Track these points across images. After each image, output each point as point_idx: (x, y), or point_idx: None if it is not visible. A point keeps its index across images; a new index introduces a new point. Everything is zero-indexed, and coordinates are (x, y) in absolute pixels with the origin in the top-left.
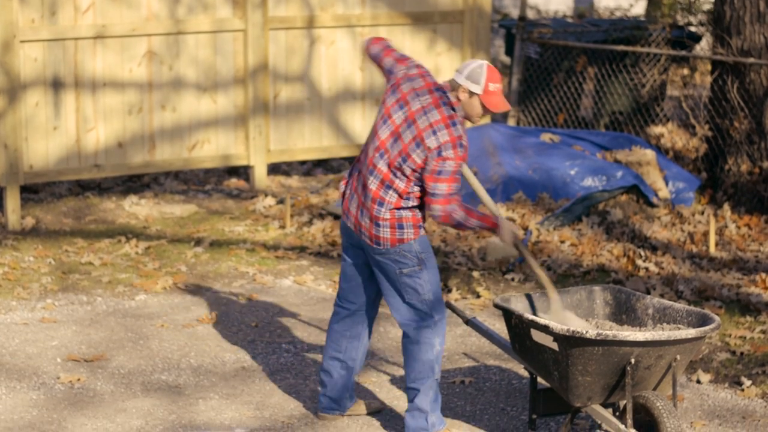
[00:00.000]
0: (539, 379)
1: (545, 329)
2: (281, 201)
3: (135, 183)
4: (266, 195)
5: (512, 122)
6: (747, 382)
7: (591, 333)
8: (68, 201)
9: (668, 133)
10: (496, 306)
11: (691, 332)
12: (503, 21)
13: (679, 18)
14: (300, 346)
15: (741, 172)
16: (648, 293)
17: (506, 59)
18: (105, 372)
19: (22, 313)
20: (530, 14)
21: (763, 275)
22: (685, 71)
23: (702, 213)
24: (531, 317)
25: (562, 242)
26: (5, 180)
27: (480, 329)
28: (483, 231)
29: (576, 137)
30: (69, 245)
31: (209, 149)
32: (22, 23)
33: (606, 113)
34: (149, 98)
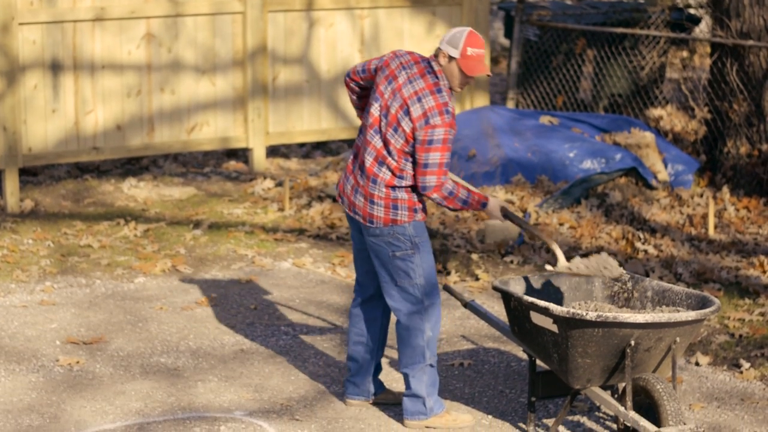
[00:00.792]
0: (538, 362)
1: (545, 311)
2: (280, 183)
3: (134, 165)
4: (265, 177)
5: (511, 105)
6: (746, 365)
7: (591, 315)
8: (67, 183)
9: (667, 116)
10: (495, 288)
11: (691, 314)
12: (502, 3)
13: (679, 0)
14: (299, 329)
15: (740, 155)
16: (647, 276)
17: (505, 42)
18: (104, 354)
19: (21, 296)
20: None
21: (762, 258)
22: (685, 54)
23: (701, 195)
24: (530, 299)
25: (561, 225)
26: (4, 162)
27: (479, 312)
28: (470, 207)
29: (575, 120)
30: (68, 228)
31: (208, 132)
32: (21, 5)
33: (605, 96)
34: (148, 80)
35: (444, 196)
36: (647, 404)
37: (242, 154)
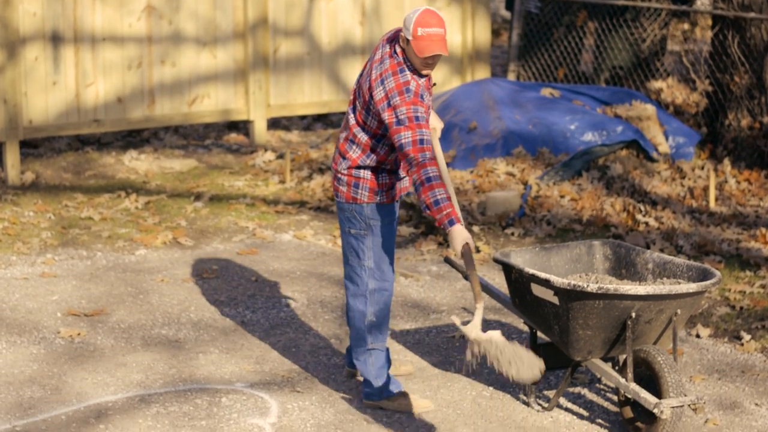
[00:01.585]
0: (539, 334)
1: (546, 283)
2: (281, 156)
3: (134, 138)
4: (266, 150)
5: (512, 77)
6: (746, 337)
7: (592, 287)
8: (68, 156)
9: (668, 88)
10: (496, 260)
11: (692, 286)
12: None
13: None
14: (300, 301)
15: (741, 127)
16: (648, 248)
17: (506, 14)
18: (105, 326)
19: (22, 268)
20: None
21: (763, 230)
22: (686, 26)
23: (702, 168)
24: (531, 271)
25: (562, 197)
26: (5, 135)
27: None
28: (437, 213)
29: (576, 92)
30: (69, 200)
31: (209, 104)
32: None
33: (606, 68)
34: (149, 53)
35: (422, 180)
36: (648, 376)
37: (243, 127)
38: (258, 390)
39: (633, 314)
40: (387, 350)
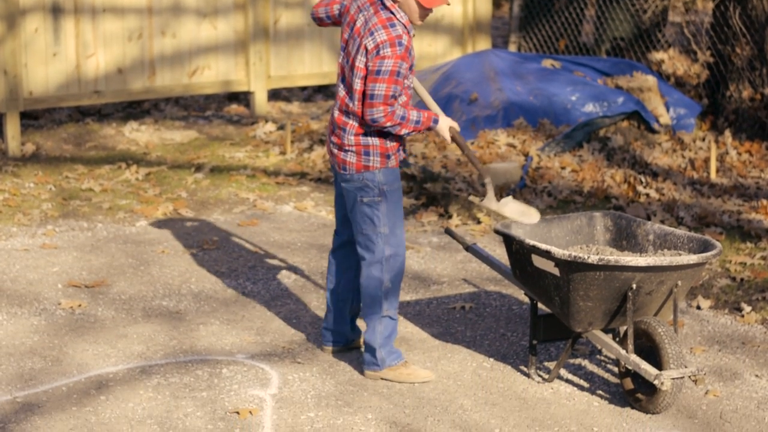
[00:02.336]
0: (540, 305)
1: (546, 254)
2: (282, 127)
3: (135, 109)
4: (266, 121)
5: (513, 48)
6: (747, 308)
7: (593, 258)
8: (68, 127)
9: (669, 59)
10: (497, 232)
11: (693, 258)
12: None
13: None
14: (300, 272)
15: (742, 99)
16: (648, 219)
17: None
18: (106, 298)
19: (23, 239)
20: None
21: (764, 201)
22: None
23: (703, 139)
24: (532, 242)
25: (563, 168)
26: (5, 106)
27: (480, 255)
28: (422, 126)
29: (577, 63)
30: (69, 171)
31: (209, 75)
32: None
33: (607, 39)
34: (149, 24)
35: (397, 122)
36: (648, 347)
37: (244, 98)
38: (259, 361)
39: (634, 286)
40: (396, 321)
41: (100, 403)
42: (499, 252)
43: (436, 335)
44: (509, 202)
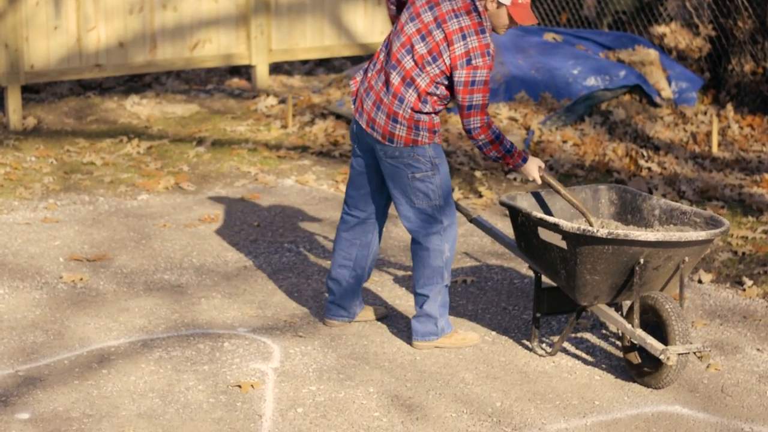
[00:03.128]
0: (543, 278)
1: (554, 227)
2: (283, 101)
3: (136, 83)
4: (268, 95)
5: None
6: (748, 282)
7: (602, 232)
8: (70, 101)
9: (671, 33)
10: (502, 204)
11: (703, 234)
12: None
13: None
14: (302, 246)
15: (744, 72)
16: (650, 193)
17: None
18: (107, 271)
19: (25, 213)
20: None
21: (766, 175)
22: None
23: (705, 113)
24: (539, 215)
25: (565, 142)
26: (6, 80)
27: (484, 227)
28: (510, 158)
29: (579, 37)
30: (71, 145)
31: (211, 49)
32: None
33: (609, 12)
34: None
35: (491, 139)
36: (654, 322)
37: (245, 72)
38: (260, 335)
39: (641, 260)
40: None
41: (102, 377)
42: (501, 225)
43: None
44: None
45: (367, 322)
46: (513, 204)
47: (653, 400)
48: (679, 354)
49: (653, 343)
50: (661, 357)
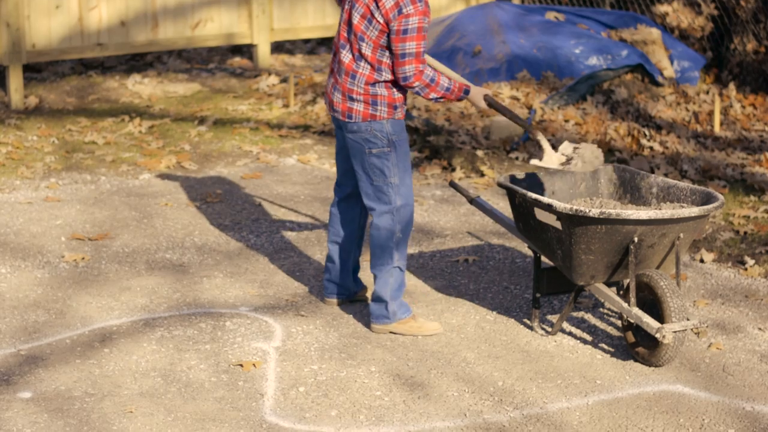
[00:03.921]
0: (543, 258)
1: (548, 208)
2: (285, 80)
3: (138, 62)
4: (270, 74)
5: (517, 0)
6: (750, 262)
7: (594, 211)
8: (71, 80)
9: (674, 12)
10: (500, 185)
11: (695, 210)
12: None
13: None
14: (304, 225)
15: (747, 52)
16: (652, 172)
17: None
18: (109, 251)
19: (26, 192)
20: None
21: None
22: None
23: (707, 92)
24: (534, 196)
25: (567, 121)
26: (8, 59)
27: (484, 208)
28: (452, 95)
29: (581, 15)
30: (72, 124)
31: (212, 28)
32: None
33: None
34: None
35: (426, 84)
36: (651, 300)
37: (247, 51)
38: (262, 314)
39: (635, 239)
40: (404, 272)
41: (104, 356)
42: (503, 205)
43: (440, 288)
44: (568, 150)
45: (368, 302)
46: (510, 185)
47: (655, 379)
48: (675, 331)
49: (649, 322)
50: (657, 335)
